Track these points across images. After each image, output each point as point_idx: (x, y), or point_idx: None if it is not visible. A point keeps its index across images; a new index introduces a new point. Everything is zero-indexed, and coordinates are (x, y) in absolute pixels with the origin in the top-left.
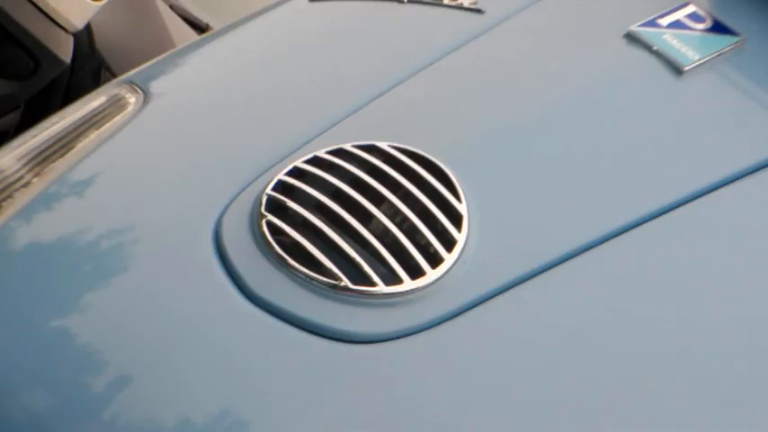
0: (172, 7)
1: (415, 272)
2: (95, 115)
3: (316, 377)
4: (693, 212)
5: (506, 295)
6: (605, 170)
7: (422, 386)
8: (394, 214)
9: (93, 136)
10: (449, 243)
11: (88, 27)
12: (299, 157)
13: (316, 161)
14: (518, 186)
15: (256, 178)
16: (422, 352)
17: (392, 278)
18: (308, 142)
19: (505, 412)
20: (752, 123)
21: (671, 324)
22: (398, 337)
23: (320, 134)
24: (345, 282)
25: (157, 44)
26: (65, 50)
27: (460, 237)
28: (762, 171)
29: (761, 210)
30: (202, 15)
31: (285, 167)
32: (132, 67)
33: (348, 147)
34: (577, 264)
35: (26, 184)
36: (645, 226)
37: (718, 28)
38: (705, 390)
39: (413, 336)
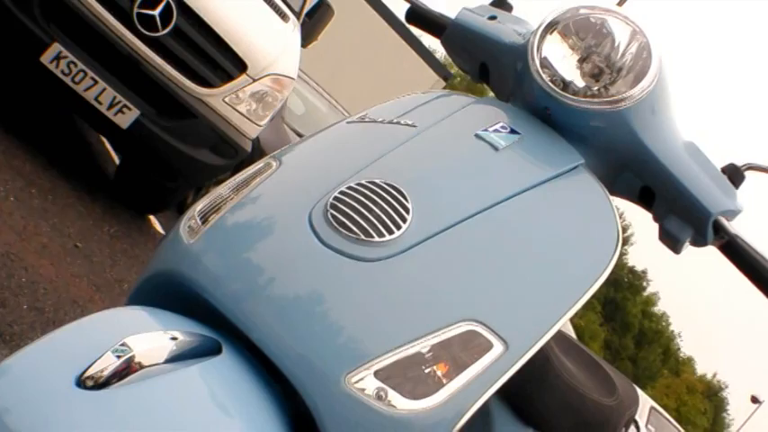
0: (290, 128)
1: (391, 232)
2: (258, 171)
3: (350, 276)
4: (507, 206)
5: (429, 241)
6: (464, 186)
7: (400, 275)
8: (381, 209)
9: (258, 179)
10: (404, 220)
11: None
12: (342, 186)
13: (349, 188)
14: (433, 197)
15: (325, 195)
16: (395, 264)
17: (381, 234)
18: (345, 181)
19: (432, 279)
20: (526, 170)
21: (495, 246)
22: (384, 259)
23: (350, 177)
24: (362, 236)
25: (284, 141)
26: (247, 146)
27: (409, 217)
28: (529, 190)
29: (528, 208)
30: (302, 129)
31: (336, 191)
32: (274, 151)
33: (363, 181)
34: (460, 226)
35: (230, 199)
36: (483, 213)
37: (512, 131)
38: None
39: (391, 258)
